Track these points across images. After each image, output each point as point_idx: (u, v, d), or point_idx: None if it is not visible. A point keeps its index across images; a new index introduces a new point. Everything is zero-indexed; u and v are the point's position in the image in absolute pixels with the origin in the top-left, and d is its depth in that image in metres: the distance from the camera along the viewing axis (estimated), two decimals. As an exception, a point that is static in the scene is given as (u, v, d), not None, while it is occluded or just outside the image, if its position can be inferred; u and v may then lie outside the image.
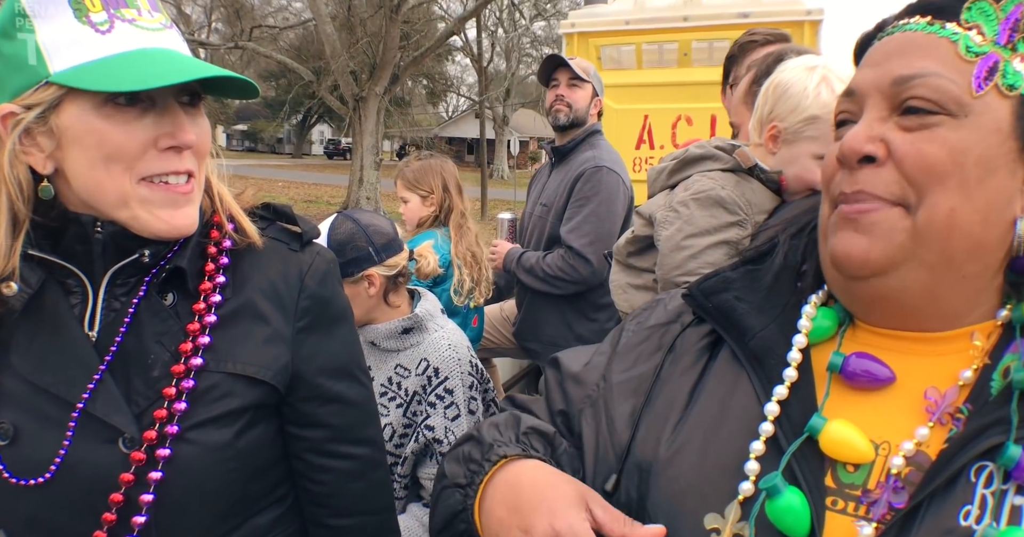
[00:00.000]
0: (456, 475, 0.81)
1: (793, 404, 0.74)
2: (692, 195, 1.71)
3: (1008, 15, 0.71)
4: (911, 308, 0.73)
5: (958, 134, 0.69)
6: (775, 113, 1.65)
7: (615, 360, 0.91)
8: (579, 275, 2.96)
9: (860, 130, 0.72)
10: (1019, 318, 0.72)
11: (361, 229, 1.90)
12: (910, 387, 0.73)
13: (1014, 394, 0.67)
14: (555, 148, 3.22)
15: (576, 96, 3.14)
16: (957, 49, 0.70)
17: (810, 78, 1.60)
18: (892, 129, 0.71)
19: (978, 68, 0.69)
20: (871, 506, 0.69)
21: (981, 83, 0.69)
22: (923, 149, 0.69)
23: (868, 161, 0.71)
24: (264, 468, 1.07)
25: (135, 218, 0.93)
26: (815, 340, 0.79)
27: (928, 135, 0.69)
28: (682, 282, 1.72)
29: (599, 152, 3.08)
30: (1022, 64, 0.71)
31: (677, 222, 1.71)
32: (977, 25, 0.71)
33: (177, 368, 0.96)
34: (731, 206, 1.66)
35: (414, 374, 1.92)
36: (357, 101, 17.66)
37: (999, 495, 0.64)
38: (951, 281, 0.71)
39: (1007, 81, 0.70)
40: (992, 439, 0.65)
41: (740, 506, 0.72)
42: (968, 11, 0.71)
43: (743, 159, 1.71)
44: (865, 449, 0.70)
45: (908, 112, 0.71)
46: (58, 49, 0.88)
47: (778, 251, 0.85)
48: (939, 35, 0.72)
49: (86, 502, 0.93)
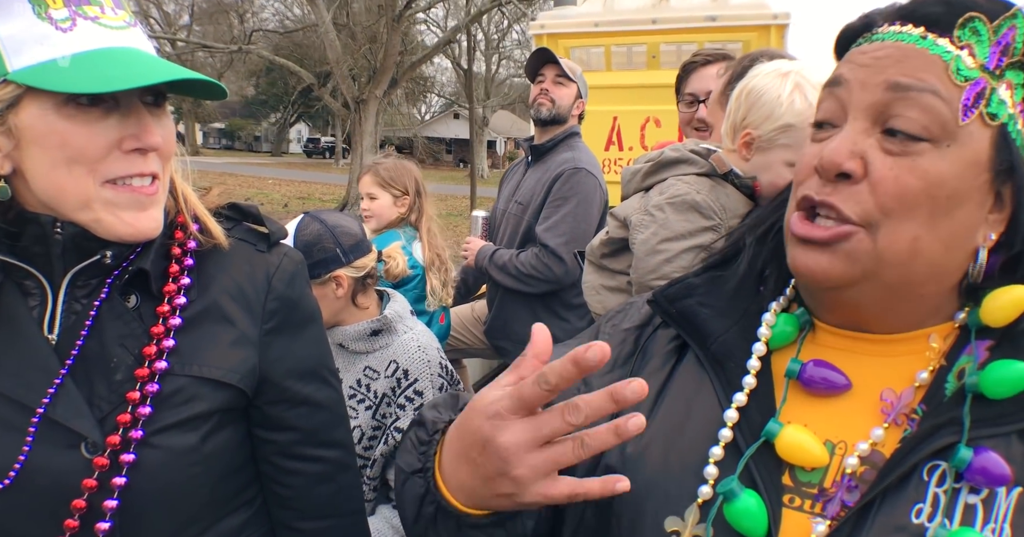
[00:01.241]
0: (410, 463, 0.78)
1: (752, 409, 0.76)
2: (667, 199, 1.72)
3: (1000, 38, 0.69)
4: (869, 315, 0.75)
5: (938, 166, 0.68)
6: (748, 120, 1.66)
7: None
8: (552, 274, 2.97)
9: (843, 144, 0.71)
10: (974, 322, 0.73)
11: (328, 230, 1.89)
12: (867, 389, 0.74)
13: (967, 396, 0.68)
14: (533, 146, 3.23)
15: (560, 93, 3.15)
16: (949, 70, 0.69)
17: (783, 85, 1.61)
18: (874, 147, 0.70)
19: (966, 94, 0.68)
20: (826, 504, 0.70)
21: (968, 111, 0.68)
22: (901, 178, 0.68)
23: (844, 177, 0.71)
24: (231, 472, 1.05)
25: (98, 221, 0.91)
26: (775, 346, 0.80)
27: (909, 164, 0.68)
28: (656, 286, 1.73)
29: (578, 153, 3.10)
30: (1007, 92, 0.70)
31: (652, 226, 1.73)
32: (969, 45, 0.69)
33: (141, 372, 0.94)
34: (706, 211, 1.68)
35: (383, 376, 1.90)
36: (357, 103, 18.71)
37: (951, 494, 0.66)
38: (908, 298, 0.72)
39: (991, 109, 0.69)
40: (944, 439, 0.67)
41: (699, 509, 0.73)
42: (962, 28, 0.69)
43: (718, 164, 1.72)
44: (819, 454, 0.71)
45: (892, 134, 0.69)
46: (17, 46, 0.86)
47: (743, 256, 0.86)
48: (932, 51, 0.70)
49: (48, 508, 0.91)
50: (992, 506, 0.65)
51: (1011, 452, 0.66)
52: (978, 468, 0.65)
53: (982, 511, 0.65)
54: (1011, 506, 0.65)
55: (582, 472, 0.86)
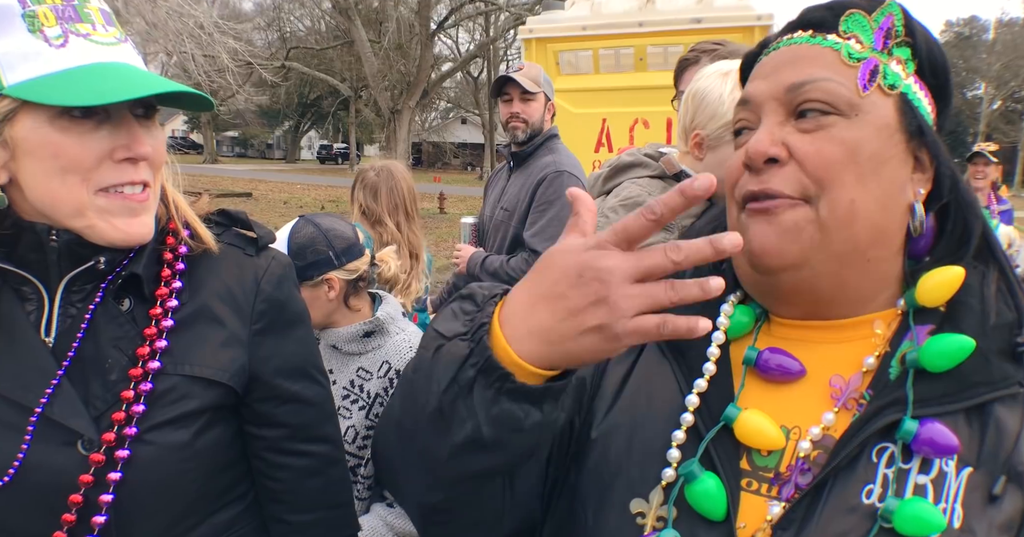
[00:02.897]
0: (452, 329, 0.71)
1: (712, 395, 0.79)
2: (621, 201, 1.77)
3: (880, 25, 0.78)
4: (822, 296, 0.78)
5: (851, 132, 0.75)
6: (696, 121, 1.72)
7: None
8: None
9: (763, 135, 0.77)
10: (911, 303, 0.77)
11: (322, 233, 1.91)
12: (818, 375, 0.78)
13: (909, 373, 0.72)
14: (513, 153, 3.26)
15: (531, 110, 3.18)
16: (840, 56, 0.77)
17: (724, 85, 1.67)
18: (791, 132, 0.77)
19: (861, 71, 0.77)
20: (782, 487, 0.73)
21: (866, 84, 0.76)
22: (822, 148, 0.75)
23: (772, 163, 0.76)
24: (223, 467, 1.09)
25: (91, 227, 0.95)
26: (733, 336, 0.84)
27: (825, 135, 0.75)
28: None
29: (559, 157, 3.13)
30: (898, 66, 0.78)
31: (607, 227, 1.77)
32: (855, 34, 0.78)
33: (135, 371, 0.98)
34: None
35: (376, 377, 1.93)
36: (392, 114, 20.45)
37: (900, 474, 0.69)
38: (858, 267, 0.76)
39: (888, 81, 0.77)
40: (889, 417, 0.70)
41: (663, 491, 0.76)
42: (845, 22, 0.79)
43: (667, 166, 1.77)
44: (775, 436, 0.74)
45: (803, 115, 0.77)
46: (12, 62, 0.90)
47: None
48: (822, 45, 0.79)
49: (46, 503, 0.95)
50: (942, 486, 0.67)
51: (959, 431, 0.69)
52: (925, 439, 0.68)
53: (932, 491, 0.67)
54: (961, 485, 0.67)
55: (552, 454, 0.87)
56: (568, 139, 4.13)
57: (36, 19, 0.91)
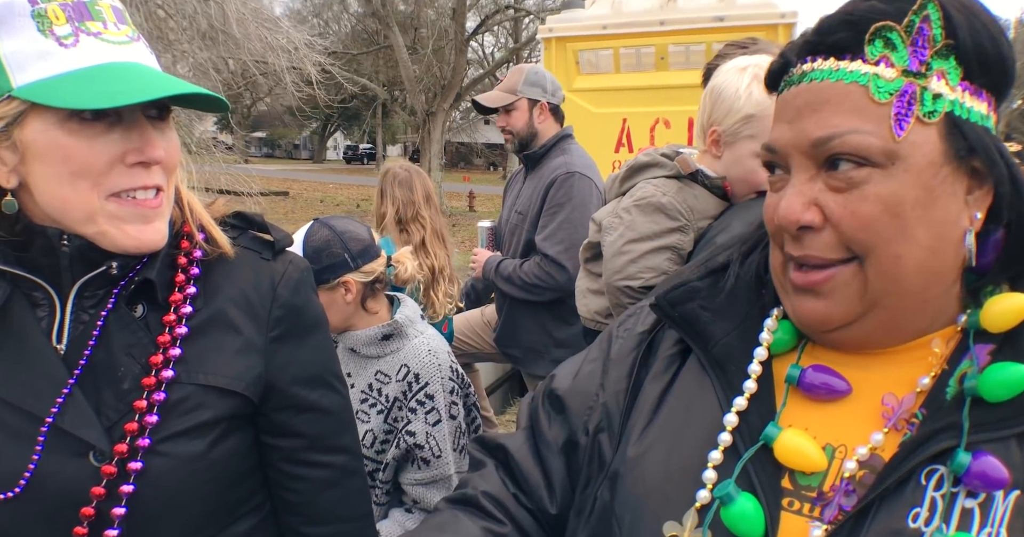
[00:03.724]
0: None
1: (752, 413, 0.76)
2: (635, 202, 1.75)
3: (915, 36, 0.68)
4: (874, 340, 0.75)
5: (889, 185, 0.68)
6: (713, 118, 1.69)
7: (611, 368, 0.91)
8: (555, 282, 2.97)
9: (793, 199, 0.71)
10: (974, 324, 0.72)
11: (337, 236, 1.90)
12: (869, 393, 0.75)
13: (966, 400, 0.68)
14: (526, 155, 3.22)
15: (513, 120, 3.15)
16: (868, 93, 0.68)
17: (741, 79, 1.63)
18: (823, 190, 0.70)
19: (895, 108, 0.67)
20: (824, 508, 0.70)
21: (902, 123, 0.67)
22: (857, 209, 0.68)
23: (807, 228, 0.71)
24: (239, 478, 1.06)
25: (102, 234, 0.92)
26: (776, 351, 0.80)
27: (859, 194, 0.68)
28: (623, 286, 1.76)
29: (570, 157, 3.08)
30: (940, 82, 0.68)
31: (620, 227, 1.76)
32: (884, 56, 0.68)
33: (148, 380, 0.95)
34: (672, 212, 1.70)
35: (394, 380, 1.91)
36: (427, 116, 21.52)
37: (949, 498, 0.65)
38: (912, 308, 0.72)
39: (926, 109, 0.68)
40: (943, 443, 0.66)
41: (697, 513, 0.73)
42: (872, 45, 0.68)
43: (683, 165, 1.74)
44: (817, 458, 0.71)
45: (835, 165, 0.69)
46: (21, 63, 0.87)
47: (731, 272, 0.86)
48: (846, 81, 0.69)
49: (57, 516, 0.92)
50: (989, 510, 0.65)
51: (1010, 456, 0.65)
52: (976, 472, 0.65)
53: (979, 515, 0.65)
54: (1008, 509, 0.64)
55: (589, 478, 0.86)
56: (588, 139, 4.09)
57: (45, 17, 0.88)
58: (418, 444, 1.87)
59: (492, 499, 0.91)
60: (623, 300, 1.79)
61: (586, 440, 0.88)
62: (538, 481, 0.91)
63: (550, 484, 0.90)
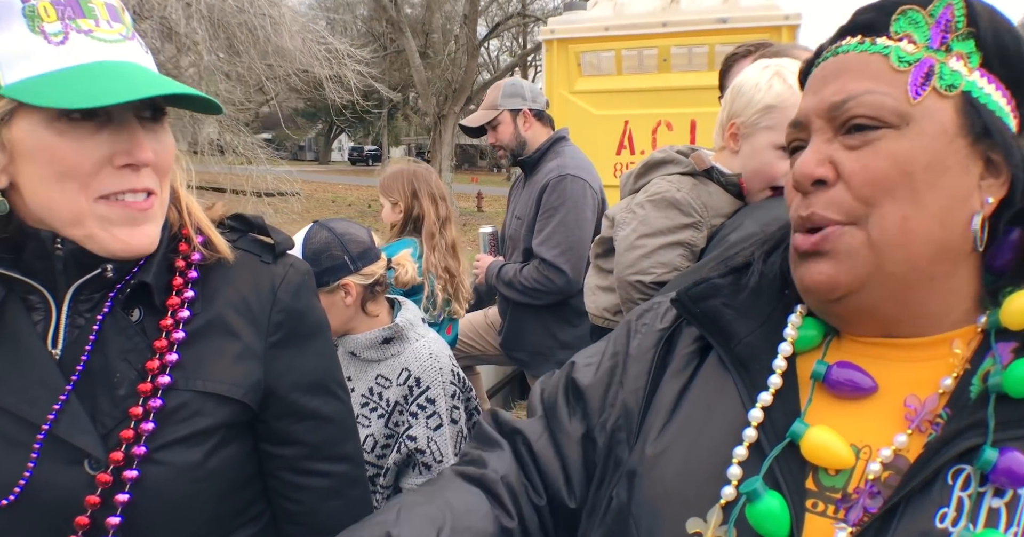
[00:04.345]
0: None
1: (777, 410, 0.76)
2: (649, 197, 1.76)
3: (938, 18, 0.72)
4: (887, 317, 0.74)
5: (901, 144, 0.70)
6: (733, 110, 1.70)
7: (630, 364, 0.90)
8: (555, 285, 2.96)
9: (809, 155, 0.74)
10: (994, 324, 0.72)
11: (336, 238, 1.89)
12: (892, 394, 0.74)
13: (991, 398, 0.68)
14: (522, 162, 3.22)
15: (500, 134, 3.17)
16: (889, 62, 0.72)
17: (762, 74, 1.65)
18: (838, 149, 0.73)
19: (913, 75, 0.71)
20: (848, 510, 0.69)
21: (918, 89, 0.70)
22: (869, 164, 0.70)
23: (820, 185, 0.73)
24: (237, 487, 1.04)
25: (90, 237, 0.90)
26: (800, 348, 0.80)
27: (872, 150, 0.71)
28: (634, 281, 1.76)
29: (563, 160, 3.07)
30: (959, 63, 0.71)
31: (633, 222, 1.76)
32: (908, 34, 0.72)
33: (144, 387, 0.93)
34: (685, 208, 1.70)
35: (395, 384, 1.90)
36: (438, 119, 22.29)
37: (976, 498, 0.65)
38: (921, 285, 0.72)
39: (944, 82, 0.71)
40: (969, 441, 0.66)
41: (722, 510, 0.73)
42: (896, 23, 0.73)
43: (698, 162, 1.75)
44: (845, 455, 0.71)
45: (851, 131, 0.72)
46: (9, 60, 0.84)
47: (753, 269, 0.86)
48: (870, 52, 0.73)
49: (51, 525, 0.90)
50: (1016, 509, 0.64)
51: None
52: (1003, 469, 0.64)
53: (1005, 514, 0.64)
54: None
55: (604, 476, 0.86)
56: (589, 141, 4.08)
57: (36, 14, 0.85)
58: (419, 449, 1.85)
59: (510, 489, 0.88)
60: (634, 295, 1.78)
61: (604, 438, 0.87)
62: (557, 473, 0.89)
63: (568, 478, 0.88)
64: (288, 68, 10.94)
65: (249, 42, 10.30)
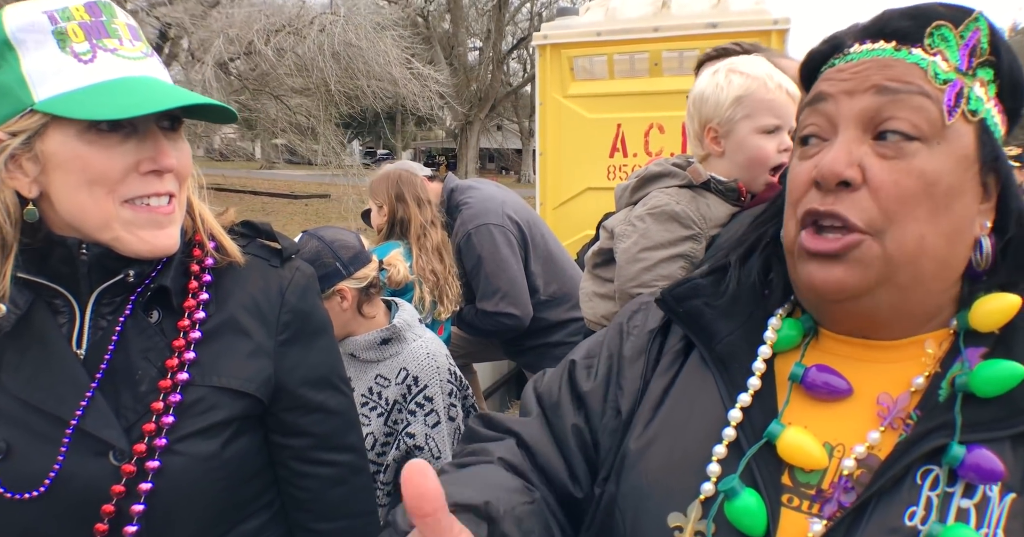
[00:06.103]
0: None
1: (755, 410, 0.77)
2: (649, 210, 1.77)
3: (967, 41, 0.72)
4: (879, 321, 0.76)
5: (932, 163, 0.70)
6: (704, 117, 1.73)
7: (625, 367, 0.91)
8: (508, 326, 3.04)
9: (840, 153, 0.72)
10: (963, 325, 0.75)
11: (326, 245, 1.93)
12: (865, 393, 0.76)
13: (957, 398, 0.70)
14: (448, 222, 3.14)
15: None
16: (927, 75, 0.71)
17: (717, 77, 1.71)
18: (869, 154, 0.71)
19: (948, 94, 0.70)
20: (823, 505, 0.72)
21: (952, 110, 0.70)
22: (900, 180, 0.70)
23: (845, 185, 0.71)
24: (250, 476, 1.11)
25: (117, 239, 0.97)
26: (779, 349, 0.82)
27: (905, 165, 0.70)
28: (636, 293, 1.78)
29: (462, 216, 3.02)
30: (981, 89, 0.72)
31: (634, 235, 1.78)
32: (940, 51, 0.72)
33: (164, 383, 1.00)
34: (685, 220, 1.72)
35: (394, 383, 1.95)
36: (465, 125, 24.16)
37: (944, 497, 0.67)
38: (918, 296, 0.74)
39: (971, 106, 0.71)
40: (936, 441, 0.68)
41: (701, 505, 0.74)
42: (931, 37, 0.72)
43: (694, 175, 1.77)
44: (819, 455, 0.73)
45: (883, 136, 0.71)
46: (42, 78, 0.92)
47: (730, 275, 0.87)
48: (908, 60, 0.72)
49: (79, 513, 0.97)
50: (985, 511, 0.66)
51: (1005, 457, 0.67)
52: (971, 465, 0.66)
53: (975, 515, 0.66)
54: (1004, 512, 0.66)
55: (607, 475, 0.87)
56: (582, 145, 4.14)
57: (65, 36, 0.93)
58: (418, 446, 1.90)
59: (520, 470, 0.86)
60: None
61: (607, 440, 0.88)
62: (559, 468, 0.88)
63: (573, 473, 0.88)
64: (387, 87, 13.44)
65: (361, 72, 13.43)
